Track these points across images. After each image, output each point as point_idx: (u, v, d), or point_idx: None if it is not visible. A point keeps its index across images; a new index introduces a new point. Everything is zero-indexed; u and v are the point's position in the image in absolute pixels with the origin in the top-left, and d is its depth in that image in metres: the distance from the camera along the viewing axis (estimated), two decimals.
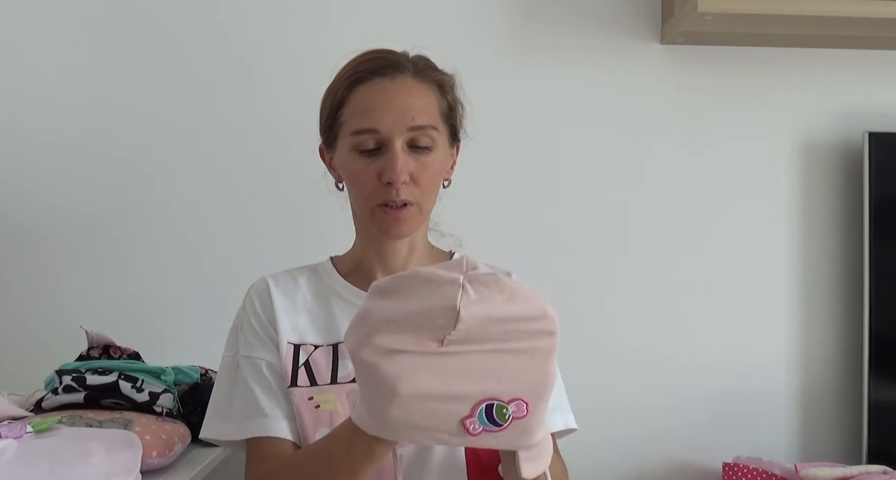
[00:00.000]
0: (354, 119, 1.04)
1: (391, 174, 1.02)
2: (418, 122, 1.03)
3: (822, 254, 1.78)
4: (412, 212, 1.05)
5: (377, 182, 1.03)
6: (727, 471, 1.64)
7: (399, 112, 1.02)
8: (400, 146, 1.02)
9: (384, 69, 1.05)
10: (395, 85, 1.04)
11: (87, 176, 1.68)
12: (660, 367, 1.75)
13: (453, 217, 1.20)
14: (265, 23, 1.70)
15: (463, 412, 0.78)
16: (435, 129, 1.06)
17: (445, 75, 1.10)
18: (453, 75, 1.11)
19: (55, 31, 1.68)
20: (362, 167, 1.04)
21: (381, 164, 1.03)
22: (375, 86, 1.04)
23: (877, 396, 1.68)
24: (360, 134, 1.03)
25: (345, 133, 1.06)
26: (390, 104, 1.03)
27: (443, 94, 1.09)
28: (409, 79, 1.05)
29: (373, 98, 1.03)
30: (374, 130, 1.02)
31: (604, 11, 1.74)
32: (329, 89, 1.09)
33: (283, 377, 1.06)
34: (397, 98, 1.03)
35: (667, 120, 1.76)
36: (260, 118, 1.69)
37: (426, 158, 1.05)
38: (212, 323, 1.28)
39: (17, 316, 1.66)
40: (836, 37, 1.71)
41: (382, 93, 1.04)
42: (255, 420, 1.04)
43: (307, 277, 1.15)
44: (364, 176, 1.04)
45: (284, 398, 1.05)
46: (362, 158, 1.04)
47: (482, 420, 0.78)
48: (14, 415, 1.14)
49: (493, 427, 0.78)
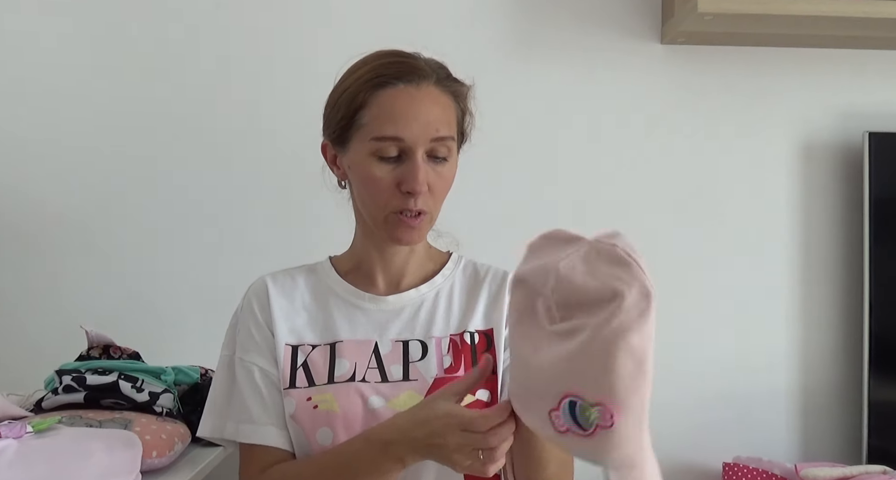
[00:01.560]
0: (376, 124, 1.02)
1: (413, 185, 1.01)
2: (441, 133, 1.03)
3: (822, 254, 1.78)
4: (425, 220, 1.05)
5: (395, 190, 1.02)
6: (727, 471, 1.64)
7: (424, 123, 1.02)
8: (421, 156, 1.02)
9: (408, 75, 1.03)
10: (421, 93, 1.03)
11: (86, 176, 1.68)
12: (659, 367, 1.73)
13: (453, 217, 1.19)
14: (267, 23, 1.70)
15: (550, 404, 0.74)
16: (453, 139, 1.06)
17: (463, 86, 1.09)
18: (470, 86, 1.10)
19: (53, 30, 1.67)
20: (382, 174, 1.03)
21: (401, 172, 1.02)
22: (399, 92, 1.02)
23: (877, 396, 1.68)
24: (382, 140, 1.02)
25: (363, 136, 1.03)
26: (416, 113, 1.02)
27: (458, 103, 1.08)
28: (432, 88, 1.04)
29: (397, 105, 1.02)
30: (399, 138, 1.01)
31: (604, 11, 1.74)
32: (344, 89, 1.06)
33: (275, 383, 1.07)
34: (423, 108, 1.02)
35: (667, 120, 1.76)
36: (260, 119, 1.69)
37: (442, 169, 1.05)
38: (212, 323, 1.28)
39: (17, 316, 1.66)
40: (836, 37, 1.71)
41: (408, 101, 1.02)
42: (245, 425, 1.05)
43: (305, 276, 1.15)
44: (383, 183, 1.03)
45: (274, 406, 1.06)
46: (382, 164, 1.03)
47: (566, 416, 0.73)
48: (14, 415, 1.14)
49: (578, 430, 0.72)
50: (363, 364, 1.05)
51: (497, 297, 1.11)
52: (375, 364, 1.05)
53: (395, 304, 1.10)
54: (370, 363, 1.06)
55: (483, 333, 1.09)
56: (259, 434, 1.05)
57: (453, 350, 1.06)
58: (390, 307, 1.10)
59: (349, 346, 1.07)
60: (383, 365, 1.05)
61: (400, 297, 1.11)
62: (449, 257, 1.18)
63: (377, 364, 1.05)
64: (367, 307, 1.10)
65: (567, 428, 0.73)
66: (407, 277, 1.12)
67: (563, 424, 0.73)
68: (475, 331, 1.08)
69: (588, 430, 0.72)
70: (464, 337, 1.08)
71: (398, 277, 1.12)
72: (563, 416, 0.73)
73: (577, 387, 0.72)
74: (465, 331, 1.08)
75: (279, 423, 1.05)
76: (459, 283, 1.14)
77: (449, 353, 1.06)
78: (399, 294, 1.11)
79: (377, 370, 1.05)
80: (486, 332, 1.09)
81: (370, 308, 1.10)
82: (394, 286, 1.12)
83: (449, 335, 1.08)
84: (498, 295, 1.12)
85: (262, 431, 1.05)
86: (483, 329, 1.09)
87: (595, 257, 0.74)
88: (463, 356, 1.06)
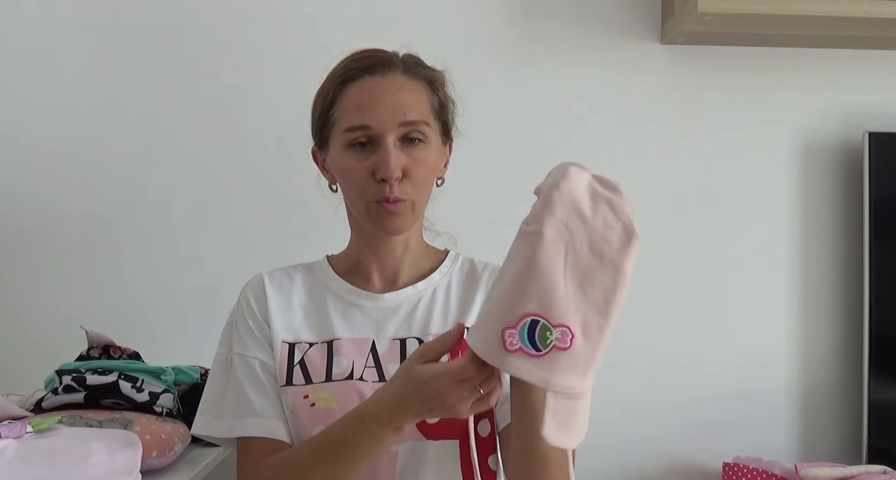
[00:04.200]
0: (346, 117, 1.04)
1: (385, 171, 1.01)
2: (410, 117, 1.04)
3: (822, 254, 1.78)
4: (406, 207, 1.05)
5: (370, 179, 1.03)
6: (727, 471, 1.64)
7: (390, 108, 1.03)
8: (392, 142, 1.03)
9: (374, 67, 1.05)
10: (386, 82, 1.05)
11: (86, 177, 1.68)
12: (660, 367, 1.75)
13: (451, 216, 1.19)
14: (263, 24, 1.70)
15: (508, 322, 0.77)
16: (427, 124, 1.06)
17: (435, 72, 1.10)
18: (443, 72, 1.11)
19: (51, 30, 1.67)
20: (355, 164, 1.04)
21: (374, 160, 1.03)
22: (366, 83, 1.04)
23: (877, 396, 1.68)
24: (352, 131, 1.03)
25: (337, 131, 1.06)
26: (381, 100, 1.03)
27: (433, 90, 1.09)
28: (399, 75, 1.06)
29: (363, 95, 1.04)
30: (366, 126, 1.03)
31: (604, 11, 1.74)
32: (320, 89, 1.09)
33: (275, 377, 1.07)
34: (388, 94, 1.04)
35: (667, 120, 1.76)
36: (259, 119, 1.69)
37: (419, 153, 1.05)
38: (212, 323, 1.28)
39: (17, 316, 1.66)
40: (836, 37, 1.71)
41: (373, 90, 1.04)
42: (247, 419, 1.05)
43: (303, 275, 1.15)
44: (357, 173, 1.04)
45: (277, 399, 1.06)
46: (355, 154, 1.04)
47: (522, 336, 0.75)
48: (14, 415, 1.14)
49: (531, 350, 0.76)
50: (361, 363, 1.05)
51: None
52: (373, 363, 1.05)
53: (392, 302, 1.10)
54: (367, 361, 1.06)
55: None
56: (265, 427, 1.04)
57: None
58: (387, 305, 1.10)
59: (347, 344, 1.07)
60: (381, 364, 1.05)
61: (397, 294, 1.11)
62: (446, 254, 1.18)
63: (374, 363, 1.05)
64: (363, 305, 1.10)
65: (518, 348, 0.76)
66: (403, 274, 1.12)
67: (515, 343, 0.76)
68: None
69: (542, 351, 0.75)
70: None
71: (394, 275, 1.12)
72: (519, 335, 0.76)
73: (545, 309, 0.76)
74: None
75: (282, 416, 1.05)
76: (457, 280, 1.14)
77: None
78: (396, 292, 1.11)
79: (374, 369, 1.05)
80: None
81: (367, 306, 1.10)
82: (390, 284, 1.12)
83: None
84: None
85: (268, 424, 1.04)
86: None
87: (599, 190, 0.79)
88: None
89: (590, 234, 0.78)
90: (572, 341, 0.75)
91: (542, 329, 0.75)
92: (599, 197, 0.79)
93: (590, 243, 0.77)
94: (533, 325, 0.75)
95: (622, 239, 0.78)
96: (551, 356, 0.76)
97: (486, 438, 1.03)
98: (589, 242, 0.78)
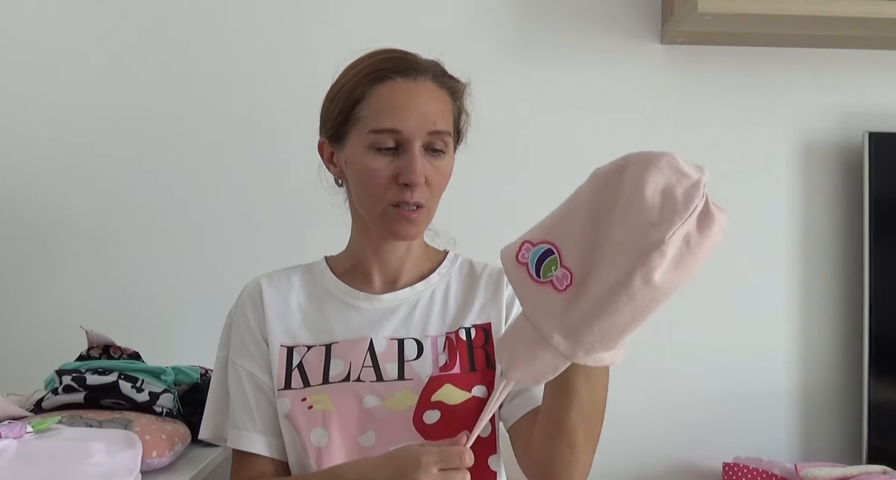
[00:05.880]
0: (375, 117, 1.03)
1: (411, 176, 1.01)
2: (438, 126, 1.04)
3: (822, 254, 1.78)
4: (423, 215, 1.05)
5: (392, 182, 1.03)
6: (727, 471, 1.64)
7: (422, 115, 1.03)
8: (418, 149, 1.03)
9: (406, 70, 1.04)
10: (418, 87, 1.04)
11: (87, 176, 1.68)
12: (660, 367, 1.75)
13: (451, 217, 1.19)
14: (266, 24, 1.70)
15: (534, 237, 0.79)
16: (450, 134, 1.06)
17: (460, 83, 1.10)
18: (466, 84, 1.11)
19: (52, 31, 1.68)
20: (379, 166, 1.03)
21: (398, 164, 1.03)
22: (398, 85, 1.04)
23: (877, 396, 1.68)
24: (379, 133, 1.03)
25: (361, 130, 1.04)
26: (414, 106, 1.03)
27: (454, 100, 1.09)
28: (429, 83, 1.06)
29: (395, 97, 1.03)
30: (397, 130, 1.02)
31: (604, 11, 1.74)
32: (343, 84, 1.07)
33: (264, 389, 1.07)
34: (421, 101, 1.04)
35: (666, 120, 1.76)
36: (259, 119, 1.69)
37: (440, 163, 1.05)
38: (212, 323, 1.28)
39: (17, 316, 1.66)
40: (836, 37, 1.71)
41: (406, 93, 1.03)
42: (232, 430, 1.08)
43: (301, 276, 1.15)
44: (380, 175, 1.03)
45: (261, 412, 1.07)
46: (379, 156, 1.03)
47: (534, 257, 0.77)
48: (14, 415, 1.14)
49: (532, 272, 0.77)
50: (358, 363, 1.05)
51: (495, 292, 1.11)
52: (370, 363, 1.05)
53: (391, 302, 1.10)
54: (365, 361, 1.06)
55: (480, 327, 1.09)
56: (242, 440, 1.06)
57: (448, 348, 1.06)
58: (385, 305, 1.10)
59: (344, 346, 1.07)
60: (378, 363, 1.05)
61: (396, 295, 1.11)
62: (445, 255, 1.18)
63: (372, 363, 1.05)
64: (362, 306, 1.10)
65: (525, 263, 0.78)
66: (403, 275, 1.12)
67: (525, 257, 0.78)
68: (471, 326, 1.08)
69: (539, 279, 0.77)
70: (459, 334, 1.08)
71: (395, 275, 1.12)
72: (532, 254, 0.77)
73: (567, 244, 0.77)
74: (461, 327, 1.08)
75: (265, 430, 1.06)
76: (456, 280, 1.14)
77: (444, 351, 1.06)
78: (395, 292, 1.11)
79: (372, 368, 1.05)
80: (483, 326, 1.09)
81: (365, 307, 1.10)
82: (390, 285, 1.12)
83: (445, 333, 1.08)
84: (496, 291, 1.11)
85: (245, 437, 1.06)
86: (480, 324, 1.09)
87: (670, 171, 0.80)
88: (458, 352, 1.06)
89: (637, 228, 0.75)
90: (567, 287, 0.76)
91: (550, 261, 0.76)
92: (675, 211, 0.78)
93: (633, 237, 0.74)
94: (546, 253, 0.77)
95: (664, 265, 0.78)
96: (545, 288, 0.77)
97: (486, 438, 1.03)
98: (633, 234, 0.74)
